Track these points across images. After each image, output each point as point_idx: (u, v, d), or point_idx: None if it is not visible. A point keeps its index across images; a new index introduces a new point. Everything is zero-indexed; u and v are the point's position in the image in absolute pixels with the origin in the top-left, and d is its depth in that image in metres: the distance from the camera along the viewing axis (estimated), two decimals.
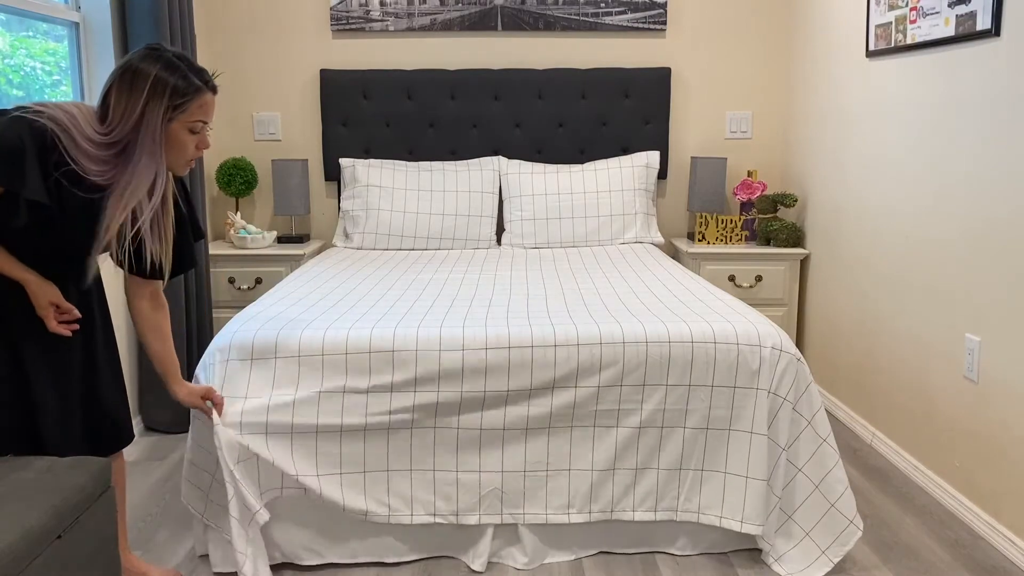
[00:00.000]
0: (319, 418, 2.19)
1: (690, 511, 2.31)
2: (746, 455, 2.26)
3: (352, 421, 2.20)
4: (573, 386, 2.24)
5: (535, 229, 3.80)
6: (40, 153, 1.68)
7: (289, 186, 3.92)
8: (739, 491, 2.27)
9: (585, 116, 4.04)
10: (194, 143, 1.82)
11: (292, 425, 2.18)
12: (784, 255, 3.82)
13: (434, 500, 2.26)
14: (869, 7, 3.18)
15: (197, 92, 1.77)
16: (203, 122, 1.81)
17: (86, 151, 1.71)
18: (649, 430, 2.27)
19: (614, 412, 2.26)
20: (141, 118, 1.73)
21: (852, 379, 3.41)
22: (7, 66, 2.74)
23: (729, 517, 2.28)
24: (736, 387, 2.26)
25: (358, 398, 2.20)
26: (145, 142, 1.74)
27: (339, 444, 2.21)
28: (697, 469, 2.30)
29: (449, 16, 4.01)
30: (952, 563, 2.36)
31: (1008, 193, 2.40)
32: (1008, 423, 2.42)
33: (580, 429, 2.27)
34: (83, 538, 1.68)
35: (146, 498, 2.75)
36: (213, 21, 4.01)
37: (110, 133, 1.73)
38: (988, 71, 2.49)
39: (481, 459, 2.25)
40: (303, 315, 2.44)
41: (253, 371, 2.22)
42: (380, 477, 2.24)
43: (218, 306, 3.76)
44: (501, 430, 2.24)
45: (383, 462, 2.24)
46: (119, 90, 1.73)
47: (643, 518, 2.31)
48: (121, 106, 1.73)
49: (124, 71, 1.74)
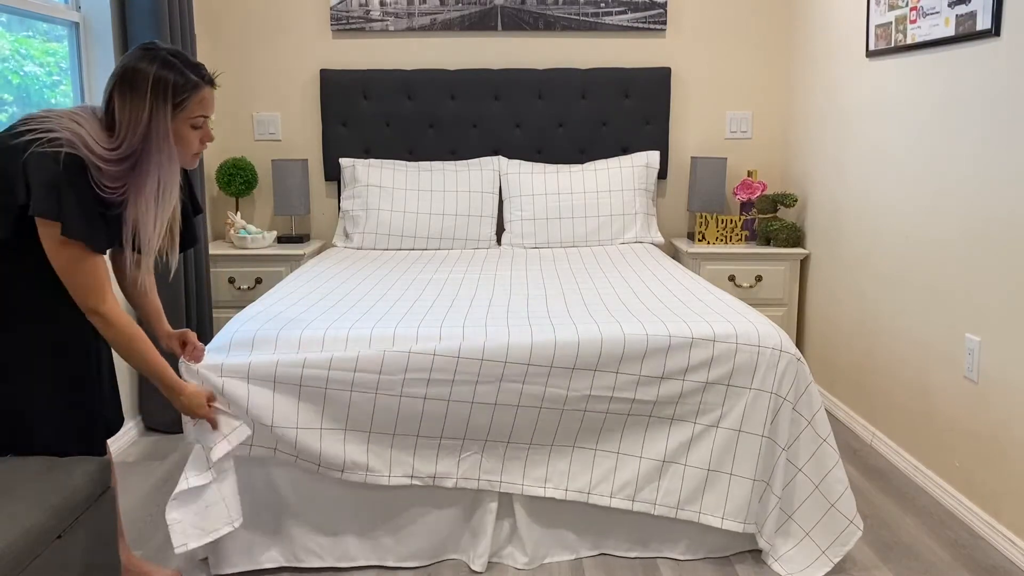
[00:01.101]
0: (304, 368, 2.16)
1: (669, 505, 2.29)
2: (745, 455, 2.26)
3: (339, 376, 2.18)
4: (568, 387, 2.23)
5: (535, 229, 3.80)
6: (86, 192, 1.71)
7: (289, 186, 3.92)
8: (723, 488, 2.27)
9: (585, 116, 4.04)
10: (198, 137, 1.84)
11: (275, 375, 2.16)
12: (784, 255, 3.82)
13: (413, 462, 2.24)
14: (869, 7, 3.18)
15: (196, 88, 1.78)
16: (204, 116, 1.82)
17: (103, 171, 1.72)
18: (639, 420, 2.27)
19: (605, 407, 2.25)
20: (149, 123, 1.73)
21: (852, 379, 3.41)
22: (6, 68, 2.74)
23: (709, 513, 2.28)
24: (736, 387, 2.26)
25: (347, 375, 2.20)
26: (162, 147, 1.75)
27: (322, 400, 2.18)
28: (682, 463, 2.28)
29: (449, 16, 4.01)
30: (952, 563, 2.36)
31: (1008, 193, 2.40)
32: (1008, 423, 2.42)
33: (570, 413, 2.25)
34: (83, 538, 1.68)
35: (146, 498, 2.75)
36: (213, 21, 4.01)
37: (120, 146, 1.73)
38: (988, 71, 2.49)
39: (467, 429, 2.24)
40: (303, 315, 2.44)
41: None
42: (361, 437, 2.22)
43: (218, 306, 3.76)
44: (492, 405, 2.22)
45: (366, 423, 2.21)
46: (121, 95, 1.73)
47: (619, 506, 2.29)
48: (126, 114, 1.73)
49: (123, 74, 1.74)
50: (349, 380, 2.17)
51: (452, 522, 2.34)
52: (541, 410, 2.24)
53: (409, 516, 2.32)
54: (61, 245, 1.70)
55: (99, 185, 1.72)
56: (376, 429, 2.21)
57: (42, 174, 1.66)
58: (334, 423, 2.20)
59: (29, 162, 1.66)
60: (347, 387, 2.17)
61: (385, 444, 2.23)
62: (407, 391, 2.19)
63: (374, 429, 2.21)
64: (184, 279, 3.33)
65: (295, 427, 2.17)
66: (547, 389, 2.22)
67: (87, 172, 1.70)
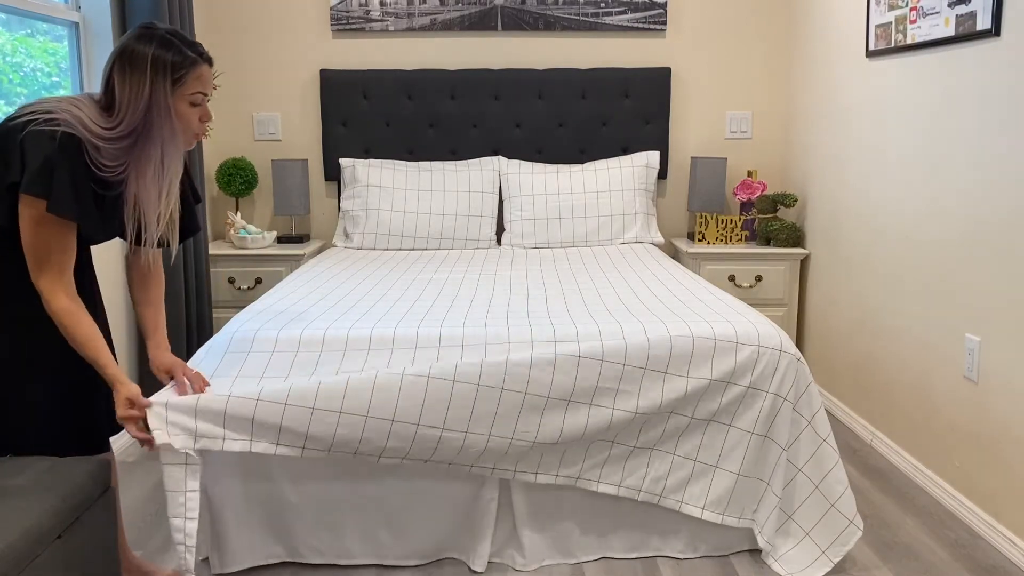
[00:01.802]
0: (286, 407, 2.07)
1: (654, 493, 2.29)
2: (746, 455, 2.26)
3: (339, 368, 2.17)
4: (572, 386, 2.23)
5: (535, 229, 3.81)
6: (81, 171, 1.72)
7: (289, 186, 3.92)
8: (707, 480, 2.29)
9: (585, 116, 4.04)
10: (197, 115, 1.84)
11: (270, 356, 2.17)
12: (784, 255, 3.82)
13: (409, 449, 2.13)
14: (869, 7, 3.18)
15: (193, 65, 1.79)
16: (202, 94, 1.83)
17: (102, 150, 1.74)
18: (637, 417, 2.25)
19: (608, 408, 2.25)
20: (150, 99, 1.75)
21: (852, 379, 3.41)
22: (7, 64, 2.74)
23: (690, 503, 2.29)
24: (736, 386, 2.26)
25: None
26: (163, 122, 1.77)
27: (317, 384, 2.07)
28: (670, 453, 2.29)
29: (449, 16, 4.01)
30: (952, 563, 2.36)
31: (1008, 193, 2.40)
32: (1008, 423, 2.42)
33: (574, 407, 2.20)
34: (83, 538, 1.68)
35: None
36: (213, 21, 4.01)
37: (119, 124, 1.75)
38: (988, 71, 2.49)
39: (470, 424, 2.15)
40: (304, 314, 2.44)
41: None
42: (357, 421, 2.09)
43: (218, 306, 3.76)
44: (496, 401, 2.17)
45: (363, 407, 2.09)
46: (120, 74, 1.75)
47: (605, 491, 2.28)
48: (126, 91, 1.74)
49: (121, 54, 1.76)
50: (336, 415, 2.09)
51: (452, 522, 2.34)
52: (544, 410, 2.23)
53: (410, 515, 2.32)
54: (38, 224, 1.70)
55: (97, 165, 1.73)
56: (372, 415, 2.11)
57: (37, 152, 1.67)
58: (329, 405, 2.09)
59: (26, 140, 1.68)
60: (335, 416, 2.09)
61: (383, 428, 2.12)
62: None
63: (370, 415, 2.11)
64: (184, 279, 3.34)
65: (283, 403, 2.06)
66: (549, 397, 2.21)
67: (83, 151, 1.71)
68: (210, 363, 2.22)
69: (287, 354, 2.24)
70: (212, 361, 2.22)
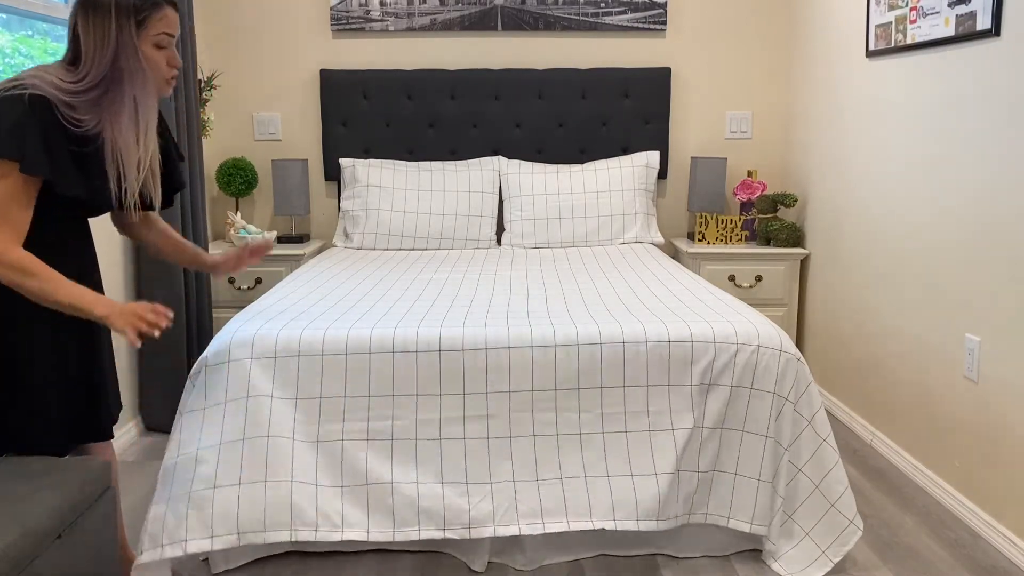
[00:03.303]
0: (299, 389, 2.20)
1: (682, 514, 2.26)
2: (747, 455, 2.26)
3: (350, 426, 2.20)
4: (576, 387, 2.23)
5: (535, 229, 3.80)
6: (55, 131, 1.71)
7: (289, 186, 3.92)
8: (728, 488, 2.27)
9: (585, 116, 4.04)
10: (164, 59, 1.83)
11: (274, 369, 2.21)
12: (784, 255, 3.82)
13: (417, 470, 2.22)
14: (869, 7, 3.18)
15: (155, 6, 1.79)
16: (168, 35, 1.82)
17: (71, 104, 1.73)
18: (640, 428, 2.24)
19: (620, 415, 2.24)
20: (117, 43, 1.74)
21: (852, 379, 3.41)
22: (6, 65, 2.74)
23: (716, 513, 2.27)
24: (736, 387, 2.26)
25: (359, 401, 2.20)
26: (132, 65, 1.76)
27: (319, 408, 2.21)
28: (693, 471, 2.27)
29: (449, 16, 4.01)
30: (952, 563, 2.36)
31: (1008, 193, 2.40)
32: (1008, 423, 2.42)
33: (588, 436, 2.23)
34: (83, 538, 1.68)
35: (146, 498, 2.75)
36: (213, 21, 4.01)
37: (87, 75, 1.74)
38: (988, 71, 2.49)
39: (491, 470, 2.21)
40: (304, 314, 2.44)
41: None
42: (359, 445, 2.22)
43: (218, 306, 3.76)
44: (508, 438, 2.22)
45: (363, 432, 2.22)
46: (84, 21, 1.74)
47: (647, 527, 2.21)
48: (91, 39, 1.74)
49: (84, 3, 1.75)
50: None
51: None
52: (558, 436, 2.24)
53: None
54: (2, 178, 1.68)
55: (71, 121, 1.72)
56: (373, 436, 2.23)
57: (7, 116, 1.67)
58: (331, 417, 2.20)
59: None
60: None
61: (384, 451, 2.22)
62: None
63: (370, 436, 2.23)
64: (184, 279, 3.33)
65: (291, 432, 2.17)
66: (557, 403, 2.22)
67: (54, 110, 1.71)
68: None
69: (290, 358, 2.24)
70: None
